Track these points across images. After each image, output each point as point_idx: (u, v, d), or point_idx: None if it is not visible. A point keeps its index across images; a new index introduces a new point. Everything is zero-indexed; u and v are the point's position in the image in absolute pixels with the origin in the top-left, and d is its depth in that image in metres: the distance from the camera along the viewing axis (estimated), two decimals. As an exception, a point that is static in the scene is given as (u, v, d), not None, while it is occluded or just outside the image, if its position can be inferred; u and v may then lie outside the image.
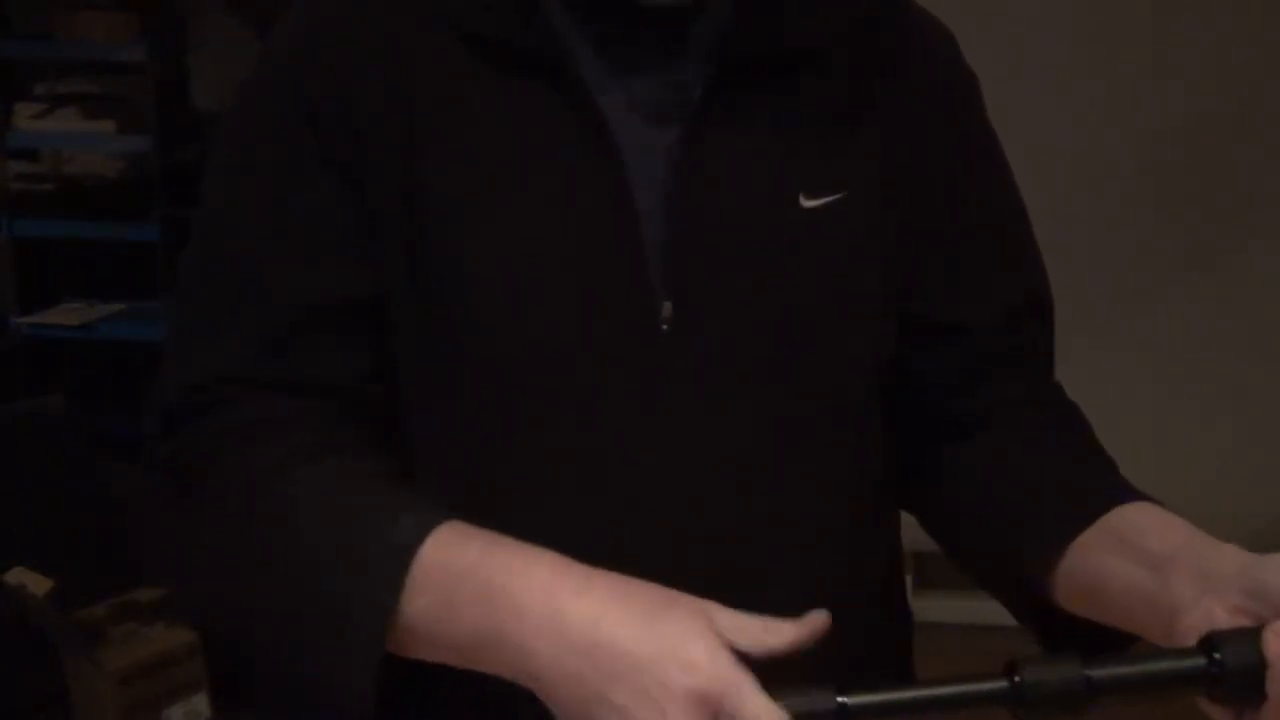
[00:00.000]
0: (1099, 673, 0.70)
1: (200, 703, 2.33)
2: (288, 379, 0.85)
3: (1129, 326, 3.03)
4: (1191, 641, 0.72)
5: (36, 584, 2.36)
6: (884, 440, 0.95)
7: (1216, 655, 0.70)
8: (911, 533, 1.03)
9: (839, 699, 0.69)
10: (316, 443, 0.83)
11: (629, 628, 0.71)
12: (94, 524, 2.54)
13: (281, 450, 0.83)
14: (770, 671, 0.71)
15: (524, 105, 0.85)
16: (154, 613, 2.36)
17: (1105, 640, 0.84)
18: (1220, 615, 0.73)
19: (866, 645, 0.90)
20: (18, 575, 2.37)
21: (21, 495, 2.48)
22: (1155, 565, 0.78)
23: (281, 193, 0.86)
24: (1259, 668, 0.69)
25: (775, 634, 0.71)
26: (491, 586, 0.74)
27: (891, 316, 0.92)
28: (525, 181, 0.84)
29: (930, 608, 3.11)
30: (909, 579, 3.57)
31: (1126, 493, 0.86)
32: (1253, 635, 0.70)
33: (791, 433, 0.88)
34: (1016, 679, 0.70)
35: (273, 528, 0.81)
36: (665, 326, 0.84)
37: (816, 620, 0.72)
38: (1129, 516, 0.83)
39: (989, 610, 0.79)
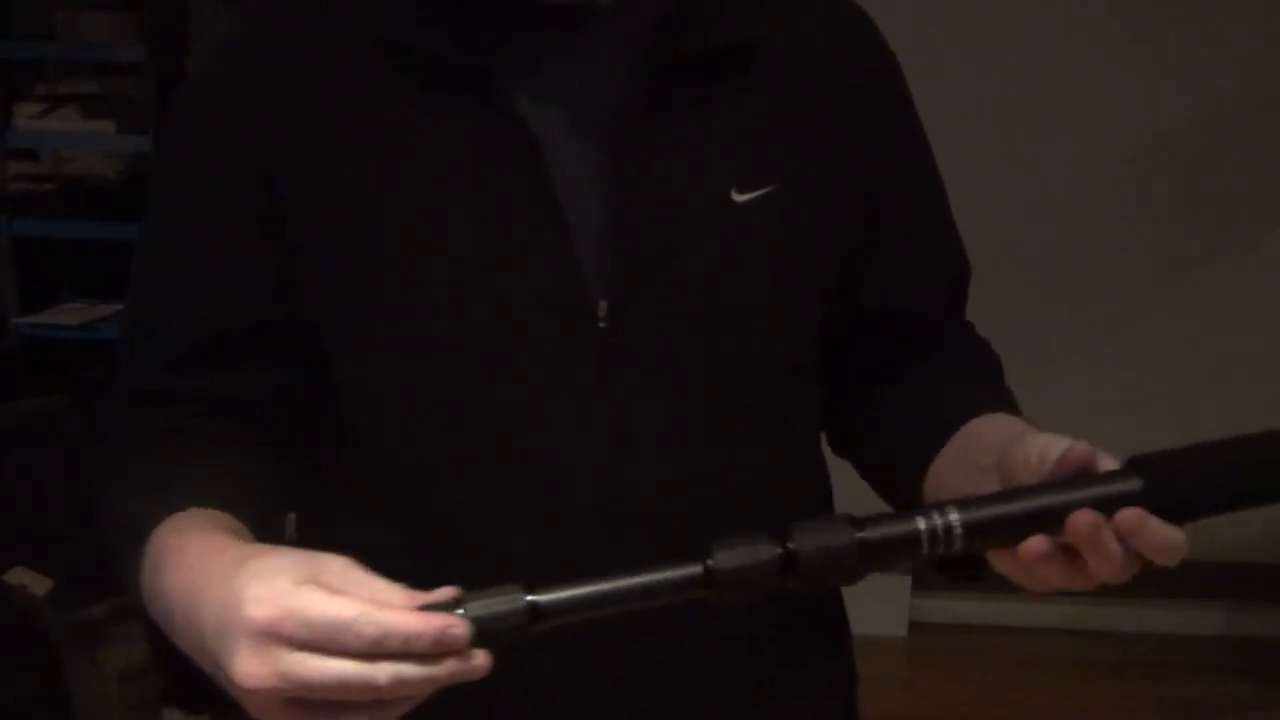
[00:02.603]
0: (792, 546, 0.70)
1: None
2: (189, 395, 0.89)
3: (1129, 326, 3.03)
4: None
5: (36, 584, 2.36)
6: (813, 420, 0.99)
7: (790, 545, 0.70)
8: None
9: (528, 597, 0.66)
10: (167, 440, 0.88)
11: (213, 590, 0.68)
12: (94, 524, 2.54)
13: (131, 447, 0.89)
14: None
15: (448, 116, 0.85)
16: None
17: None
18: None
19: (800, 627, 0.96)
20: (18, 575, 2.37)
21: (21, 495, 2.48)
22: (978, 467, 0.82)
23: (190, 221, 0.90)
24: (838, 553, 0.70)
25: (386, 595, 0.65)
26: (160, 571, 0.76)
27: (822, 304, 0.95)
28: (453, 192, 0.85)
29: (930, 608, 3.11)
30: (909, 580, 3.56)
31: (988, 406, 0.89)
32: (832, 520, 0.71)
33: (722, 420, 0.91)
34: (709, 563, 0.69)
35: (98, 511, 0.90)
36: (602, 324, 0.86)
37: (439, 594, 0.67)
38: (973, 428, 0.88)
39: (989, 610, 0.78)
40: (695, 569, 0.69)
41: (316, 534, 0.97)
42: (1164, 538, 0.70)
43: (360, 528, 0.92)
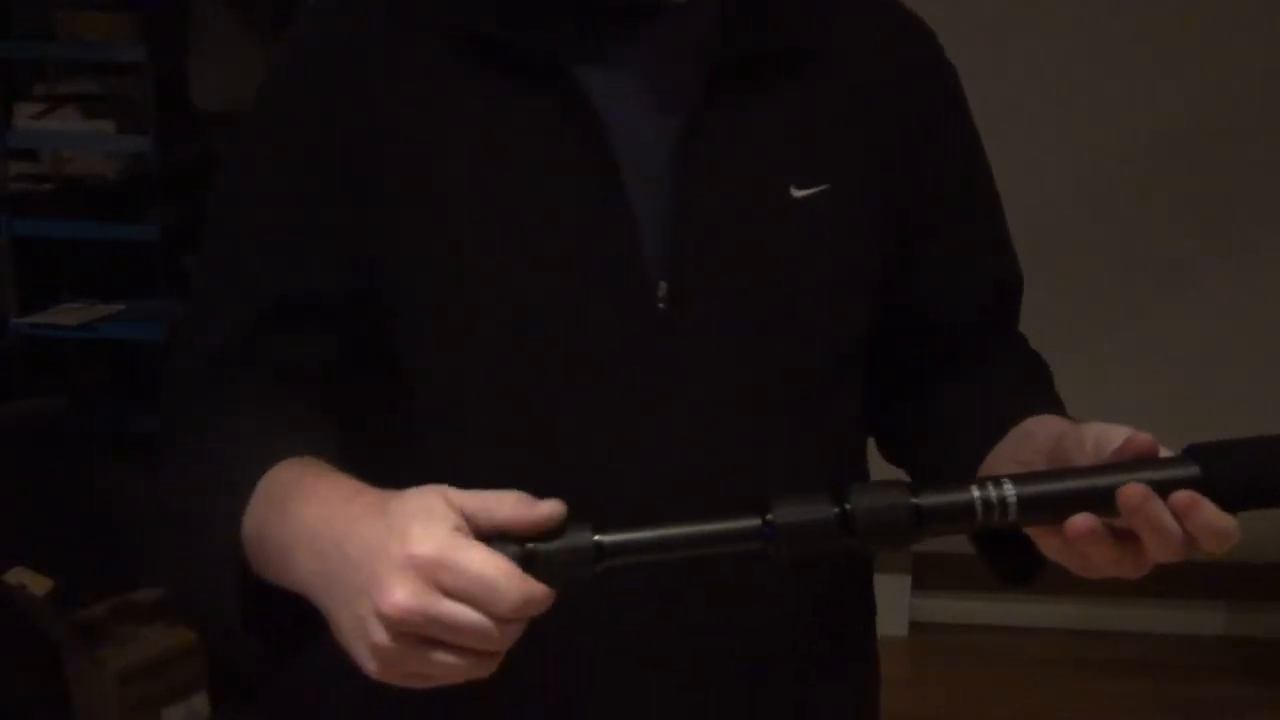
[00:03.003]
0: (851, 505, 0.72)
1: (200, 703, 2.33)
2: (261, 360, 0.92)
3: (1128, 326, 3.03)
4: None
5: (36, 584, 2.36)
6: (857, 415, 1.01)
7: (846, 505, 0.72)
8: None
9: (595, 537, 0.71)
10: (244, 406, 0.90)
11: (360, 520, 0.73)
12: (94, 524, 2.54)
13: (210, 406, 0.92)
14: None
15: (521, 102, 0.89)
16: (154, 613, 2.35)
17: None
18: None
19: (832, 614, 1.00)
20: (18, 575, 2.37)
21: (21, 495, 2.48)
22: (1026, 463, 0.85)
23: (269, 191, 0.93)
24: (893, 516, 0.72)
25: (498, 504, 0.72)
26: (286, 504, 0.78)
27: (873, 298, 0.97)
28: (522, 173, 0.89)
29: (930, 608, 3.11)
30: (909, 580, 3.57)
31: (1039, 409, 0.92)
32: (888, 484, 0.73)
33: (772, 406, 0.94)
34: (769, 516, 0.71)
35: (184, 462, 0.92)
36: (661, 305, 0.89)
37: (549, 507, 0.72)
38: (1024, 427, 0.91)
39: (989, 610, 0.78)
40: (754, 521, 0.72)
41: None
42: (1218, 523, 0.71)
43: None
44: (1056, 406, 0.95)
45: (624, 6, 0.89)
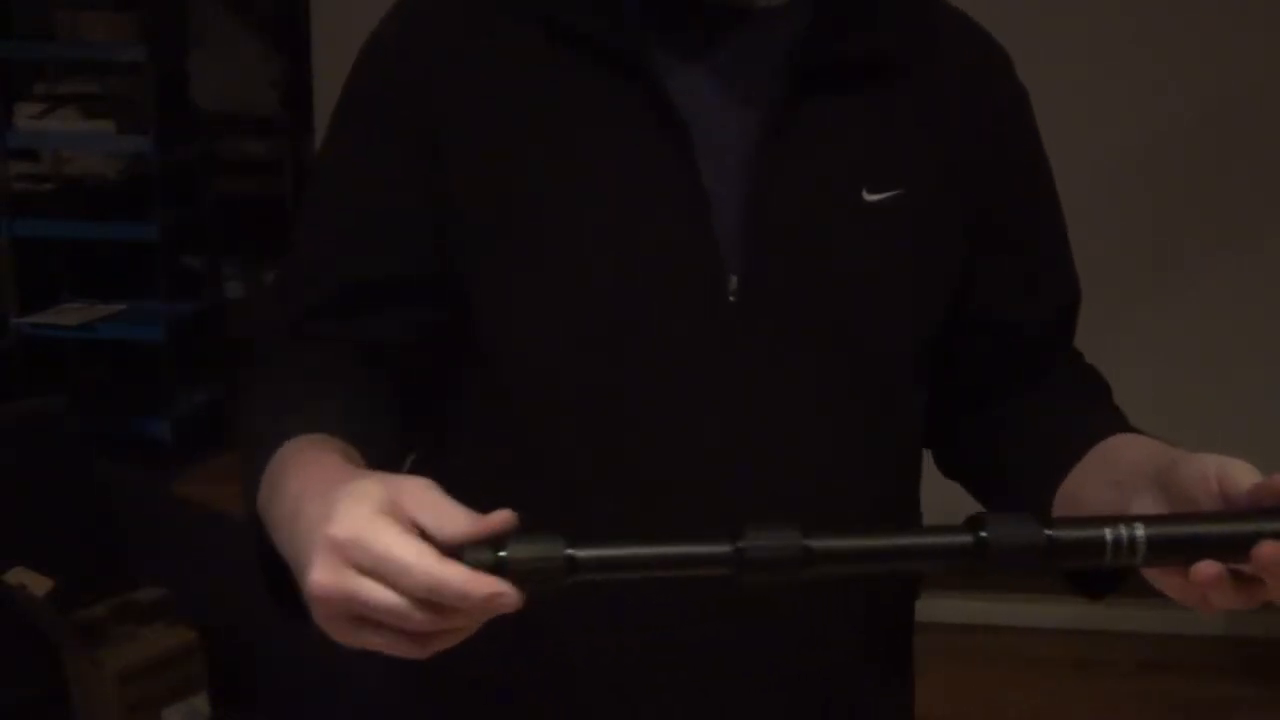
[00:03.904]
0: (818, 543, 0.72)
1: (200, 703, 2.33)
2: (338, 336, 0.95)
3: (1127, 327, 3.03)
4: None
5: (36, 584, 2.35)
6: (919, 418, 1.02)
7: (982, 534, 0.72)
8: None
9: (567, 550, 0.70)
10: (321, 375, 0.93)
11: (314, 502, 0.73)
12: (94, 524, 2.54)
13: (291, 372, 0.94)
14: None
15: (604, 94, 0.91)
16: (154, 613, 2.35)
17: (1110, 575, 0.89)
18: (1149, 511, 0.80)
19: (871, 617, 1.01)
20: (18, 575, 2.37)
21: (21, 495, 2.48)
22: (1119, 483, 0.86)
23: (357, 172, 0.96)
24: (1027, 547, 0.72)
25: (450, 521, 0.71)
26: (283, 479, 0.79)
27: (940, 305, 0.99)
28: (602, 164, 0.91)
29: (932, 608, 3.11)
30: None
31: (1115, 428, 0.94)
32: (1020, 516, 0.73)
33: (836, 404, 0.95)
34: (739, 544, 0.71)
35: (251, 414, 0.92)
36: (732, 298, 0.91)
37: (496, 518, 0.71)
38: (1109, 445, 0.92)
39: (992, 610, 0.78)
40: (724, 548, 0.71)
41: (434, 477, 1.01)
42: None
43: (475, 475, 0.94)
44: (1125, 423, 0.97)
45: (713, 8, 0.92)
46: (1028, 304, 1.03)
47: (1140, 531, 0.73)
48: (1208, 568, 0.73)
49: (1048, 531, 0.73)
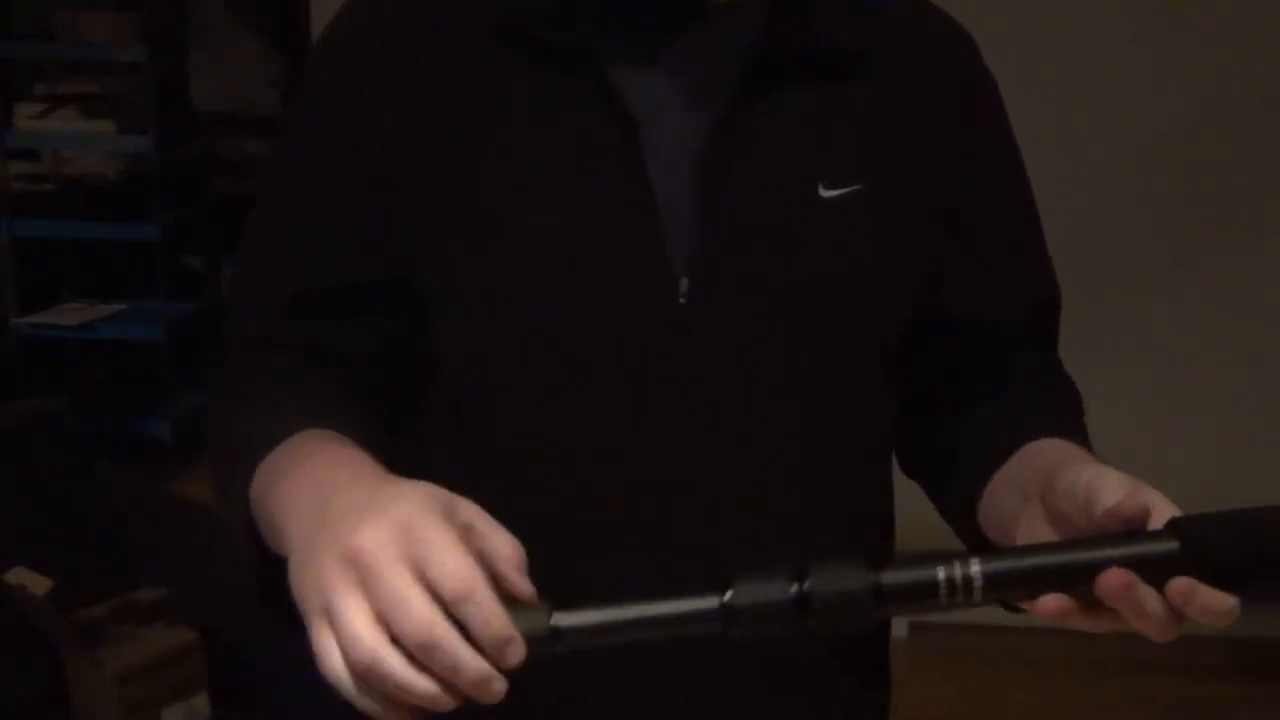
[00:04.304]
0: (807, 586, 0.69)
1: (200, 703, 2.33)
2: (295, 344, 0.93)
3: (1128, 327, 3.03)
4: None
5: (36, 584, 2.36)
6: (885, 419, 1.00)
7: (806, 585, 0.68)
8: (912, 533, 1.03)
9: (552, 623, 0.67)
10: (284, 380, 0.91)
11: (359, 486, 0.72)
12: (94, 524, 2.54)
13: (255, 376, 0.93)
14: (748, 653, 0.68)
15: (551, 93, 0.90)
16: (154, 613, 2.35)
17: None
18: (1038, 524, 0.80)
19: (840, 675, 0.97)
20: (18, 575, 2.37)
21: (21, 495, 2.48)
22: (1023, 490, 0.85)
23: (306, 179, 0.95)
24: (845, 595, 0.69)
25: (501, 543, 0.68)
26: (296, 468, 0.77)
27: (902, 303, 0.96)
28: (549, 163, 0.89)
29: (930, 608, 3.11)
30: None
31: (1051, 432, 0.91)
32: (843, 563, 0.69)
33: (795, 406, 0.93)
34: (725, 599, 0.68)
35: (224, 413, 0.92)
36: (683, 300, 0.89)
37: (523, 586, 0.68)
38: (1030, 449, 0.90)
39: (989, 610, 0.79)
40: (711, 603, 0.69)
41: None
42: (1216, 605, 0.71)
43: (442, 483, 0.95)
44: (1073, 433, 0.93)
45: (667, 6, 0.90)
46: (994, 301, 0.99)
47: (975, 568, 0.70)
48: (1051, 601, 0.71)
49: (875, 578, 0.69)
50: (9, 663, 2.24)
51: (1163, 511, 0.73)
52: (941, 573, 0.70)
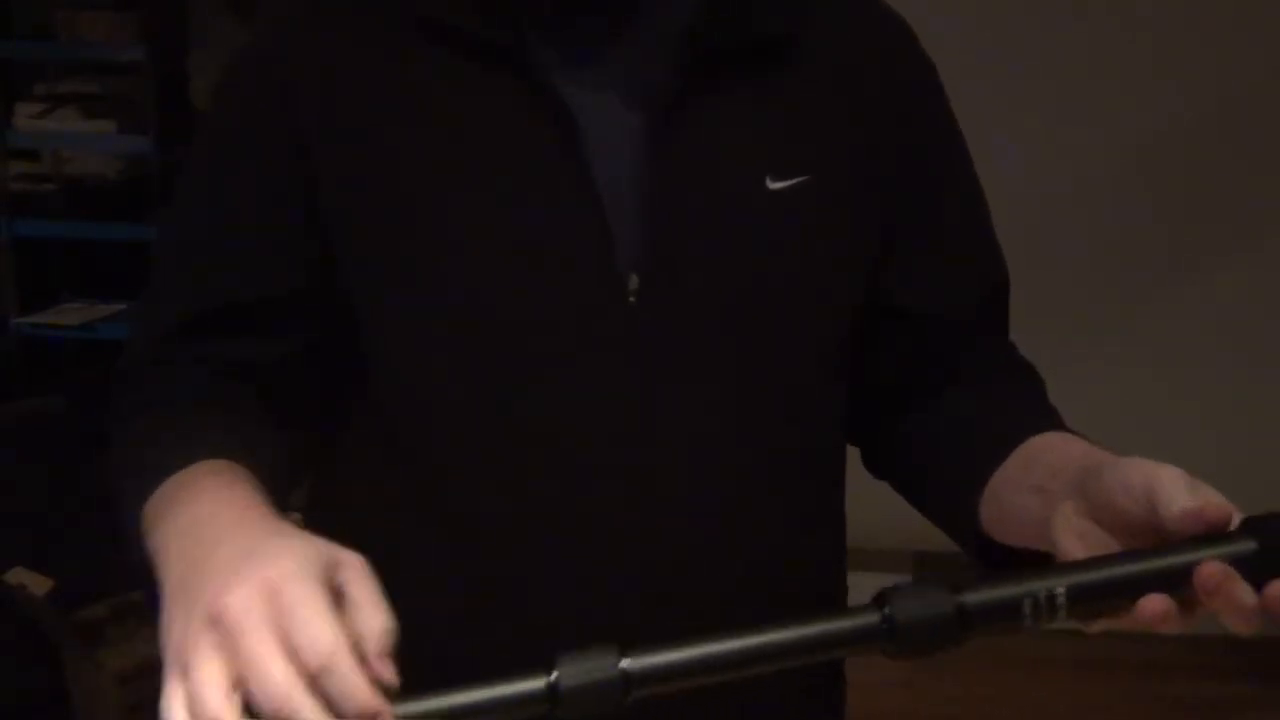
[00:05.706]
0: (636, 665, 0.64)
1: (200, 703, 2.33)
2: (204, 358, 0.90)
3: (1127, 326, 3.03)
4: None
5: (36, 584, 2.36)
6: (837, 416, 0.99)
7: (886, 610, 0.68)
8: (911, 533, 1.03)
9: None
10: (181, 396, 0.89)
11: (240, 533, 0.69)
12: (94, 524, 2.54)
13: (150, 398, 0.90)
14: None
15: (484, 91, 0.88)
16: (154, 613, 2.35)
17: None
18: (1077, 522, 0.77)
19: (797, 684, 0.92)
20: (18, 575, 2.37)
21: (21, 495, 2.48)
22: (1041, 488, 0.82)
23: (218, 191, 0.92)
24: (929, 619, 0.68)
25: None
26: (178, 506, 0.75)
27: (854, 295, 0.95)
28: (487, 163, 0.87)
29: (931, 608, 3.11)
30: (909, 580, 3.57)
31: (1043, 426, 0.89)
32: (924, 587, 0.69)
33: (747, 402, 0.91)
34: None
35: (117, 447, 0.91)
36: (632, 299, 0.87)
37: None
38: (1033, 445, 0.88)
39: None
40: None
41: (332, 502, 0.98)
42: (1241, 601, 0.72)
43: (367, 501, 0.93)
44: (1054, 421, 0.92)
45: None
46: (945, 289, 0.98)
47: (1059, 586, 0.71)
48: (1157, 603, 0.72)
49: (958, 599, 0.69)
50: (9, 663, 2.24)
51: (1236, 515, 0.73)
52: (1024, 590, 0.70)
